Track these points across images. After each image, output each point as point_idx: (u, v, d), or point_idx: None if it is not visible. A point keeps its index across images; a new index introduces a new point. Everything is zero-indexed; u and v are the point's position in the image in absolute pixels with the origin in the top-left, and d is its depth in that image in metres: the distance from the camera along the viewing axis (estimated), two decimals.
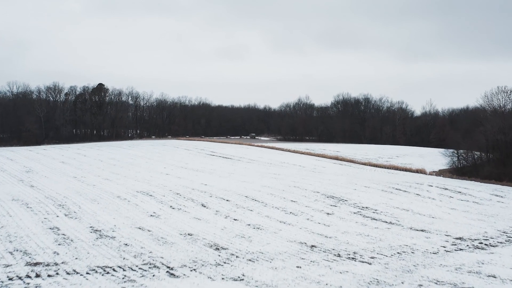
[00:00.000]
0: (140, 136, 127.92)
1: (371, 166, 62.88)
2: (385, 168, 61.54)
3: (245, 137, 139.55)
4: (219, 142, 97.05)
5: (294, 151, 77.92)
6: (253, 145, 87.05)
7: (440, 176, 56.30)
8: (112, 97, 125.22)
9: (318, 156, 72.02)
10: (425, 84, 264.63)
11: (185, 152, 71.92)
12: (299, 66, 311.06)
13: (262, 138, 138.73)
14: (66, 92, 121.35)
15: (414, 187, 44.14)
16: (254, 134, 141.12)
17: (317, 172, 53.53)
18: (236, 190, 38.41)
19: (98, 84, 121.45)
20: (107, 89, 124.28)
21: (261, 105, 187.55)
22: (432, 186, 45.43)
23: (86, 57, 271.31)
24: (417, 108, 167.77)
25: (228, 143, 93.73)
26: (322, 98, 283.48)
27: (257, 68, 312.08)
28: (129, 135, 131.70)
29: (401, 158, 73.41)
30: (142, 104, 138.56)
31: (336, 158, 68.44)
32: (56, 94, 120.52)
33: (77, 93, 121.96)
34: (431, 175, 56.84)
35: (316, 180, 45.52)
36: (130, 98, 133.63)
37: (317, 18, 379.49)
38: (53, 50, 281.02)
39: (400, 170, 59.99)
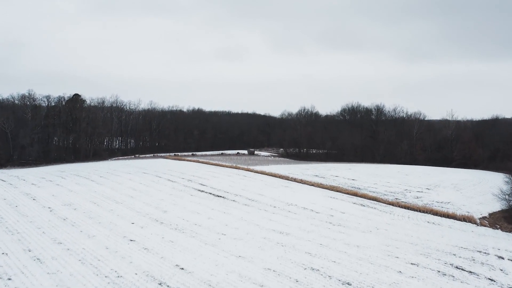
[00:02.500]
0: (123, 154, 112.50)
1: (402, 208, 47.26)
2: (420, 212, 46.36)
3: (242, 152, 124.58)
4: (212, 164, 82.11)
5: (301, 181, 61.48)
6: (252, 171, 72.60)
7: (498, 228, 42.46)
8: (91, 110, 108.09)
9: (332, 191, 54.73)
10: (427, 85, 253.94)
11: (167, 186, 56.18)
12: (299, 67, 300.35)
13: (262, 153, 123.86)
14: (35, 105, 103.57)
15: (479, 261, 31.32)
16: (252, 149, 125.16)
17: (336, 224, 38.75)
18: (228, 284, 25.33)
19: (74, 95, 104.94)
20: (84, 100, 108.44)
21: (260, 111, 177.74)
22: (503, 258, 32.39)
23: (86, 57, 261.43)
24: (429, 113, 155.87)
25: (223, 166, 78.91)
26: (326, 102, 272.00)
27: (256, 68, 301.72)
28: (114, 149, 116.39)
29: (434, 192, 56.23)
30: (124, 117, 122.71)
31: (355, 194, 51.69)
32: (25, 105, 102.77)
33: (53, 103, 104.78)
34: (484, 225, 43.02)
35: (340, 249, 32.31)
36: (112, 111, 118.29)
37: (317, 18, 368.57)
38: (49, 50, 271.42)
39: (441, 216, 45.37)
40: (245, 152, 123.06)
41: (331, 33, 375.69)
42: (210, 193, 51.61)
